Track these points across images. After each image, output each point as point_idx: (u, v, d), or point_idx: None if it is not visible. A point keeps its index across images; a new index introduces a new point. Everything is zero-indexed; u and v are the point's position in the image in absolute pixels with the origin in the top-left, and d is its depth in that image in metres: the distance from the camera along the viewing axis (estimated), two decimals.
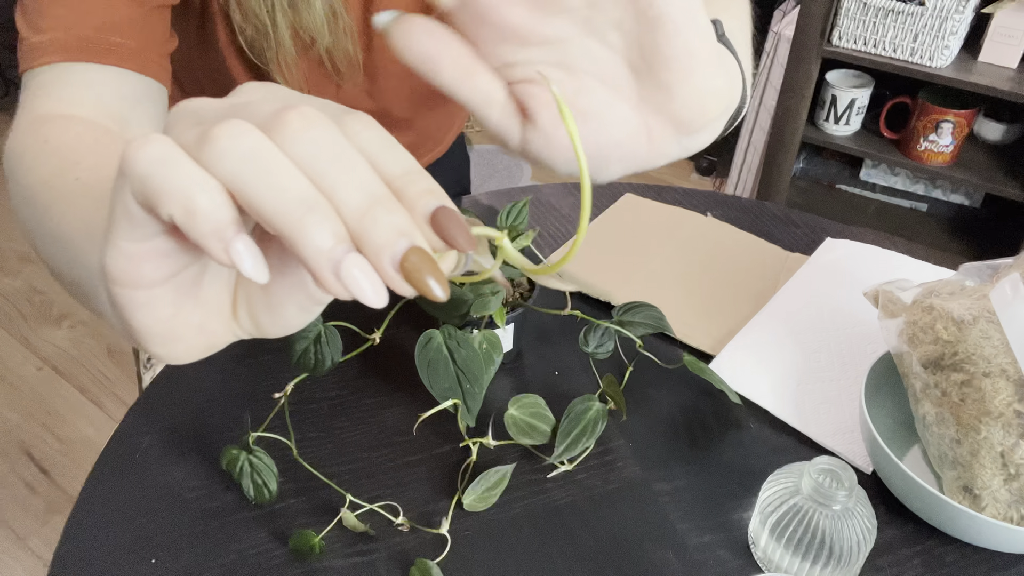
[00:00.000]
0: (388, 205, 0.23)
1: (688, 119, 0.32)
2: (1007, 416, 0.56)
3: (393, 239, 0.23)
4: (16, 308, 2.02)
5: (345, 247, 0.22)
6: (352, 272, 0.22)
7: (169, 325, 0.26)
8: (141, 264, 0.24)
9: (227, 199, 0.22)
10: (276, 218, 0.22)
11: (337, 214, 0.23)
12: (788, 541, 0.54)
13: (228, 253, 0.22)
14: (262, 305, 0.27)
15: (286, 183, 0.22)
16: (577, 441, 0.61)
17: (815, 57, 1.71)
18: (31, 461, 1.66)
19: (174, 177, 0.22)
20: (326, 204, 0.23)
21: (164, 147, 0.22)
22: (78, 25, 0.53)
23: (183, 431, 0.67)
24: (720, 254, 0.86)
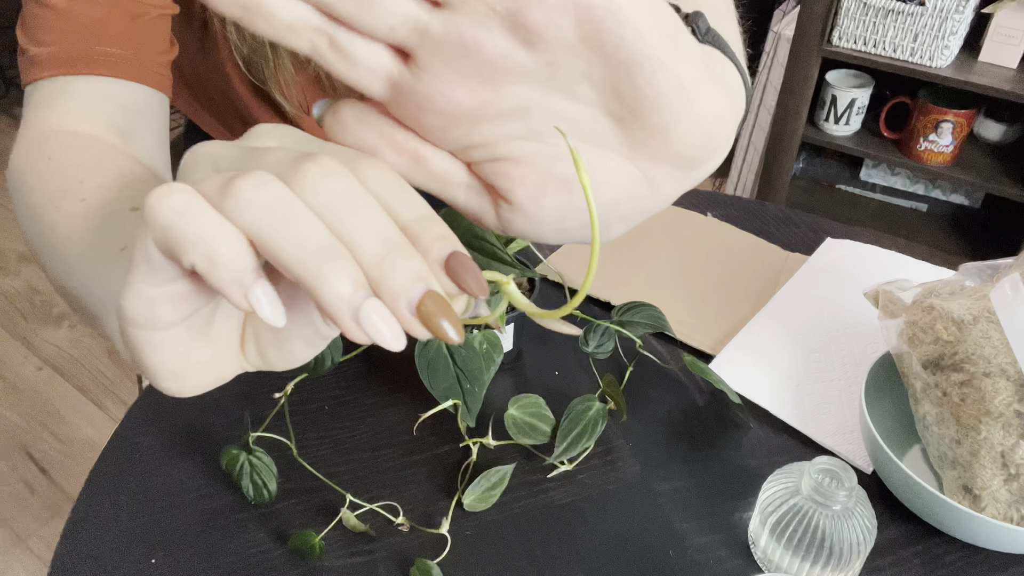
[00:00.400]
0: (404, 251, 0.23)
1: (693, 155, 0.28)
2: (1007, 416, 0.56)
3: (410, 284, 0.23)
4: (16, 308, 2.02)
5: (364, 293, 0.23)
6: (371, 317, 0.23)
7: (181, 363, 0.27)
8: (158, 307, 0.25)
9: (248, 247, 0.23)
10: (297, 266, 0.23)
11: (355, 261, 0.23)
12: (788, 541, 0.54)
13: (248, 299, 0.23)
14: (270, 341, 0.28)
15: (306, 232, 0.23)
16: (577, 441, 0.61)
17: (815, 57, 1.71)
18: (31, 461, 1.66)
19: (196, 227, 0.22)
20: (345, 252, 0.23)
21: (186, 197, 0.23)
22: (78, 38, 0.53)
23: (183, 431, 0.67)
24: (720, 254, 0.86)
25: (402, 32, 0.25)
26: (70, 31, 0.53)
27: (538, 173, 0.28)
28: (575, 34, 0.25)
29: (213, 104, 0.81)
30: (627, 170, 0.29)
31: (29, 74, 0.54)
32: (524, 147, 0.28)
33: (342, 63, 0.26)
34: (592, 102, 0.27)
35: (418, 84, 0.26)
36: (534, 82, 0.26)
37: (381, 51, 0.26)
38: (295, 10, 0.24)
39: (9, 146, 2.58)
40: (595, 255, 0.25)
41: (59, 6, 0.53)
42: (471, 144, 0.28)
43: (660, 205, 0.30)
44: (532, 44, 0.25)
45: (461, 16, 0.24)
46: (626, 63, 0.25)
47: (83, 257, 0.41)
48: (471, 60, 0.25)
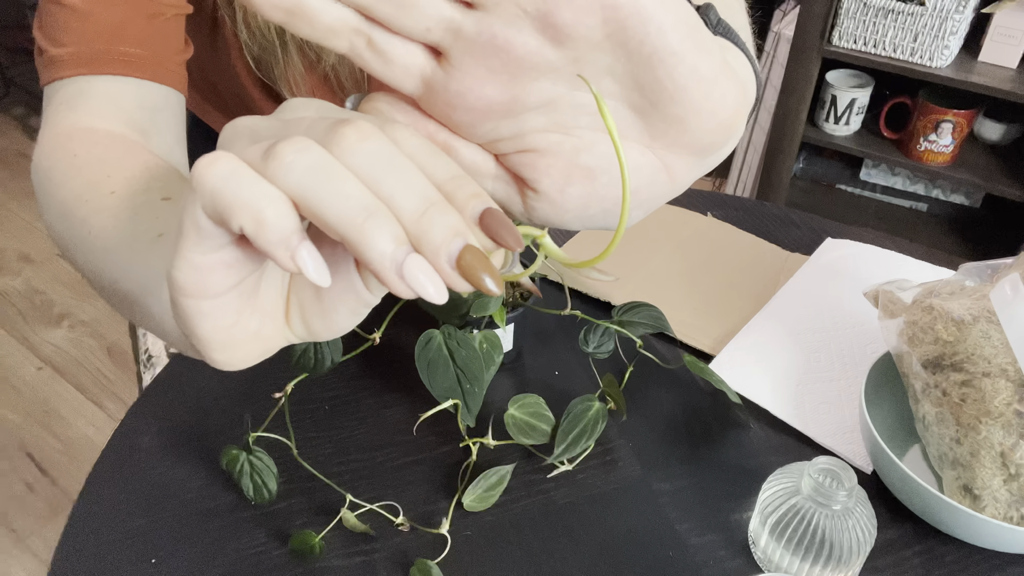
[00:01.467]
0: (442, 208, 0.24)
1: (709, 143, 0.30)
2: (1007, 416, 0.56)
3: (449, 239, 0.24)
4: (16, 308, 2.02)
5: (406, 249, 0.24)
6: (414, 272, 0.24)
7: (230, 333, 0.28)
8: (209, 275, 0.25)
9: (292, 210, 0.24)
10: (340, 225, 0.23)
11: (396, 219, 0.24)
12: (788, 541, 0.54)
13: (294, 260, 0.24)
14: (314, 310, 0.29)
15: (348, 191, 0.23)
16: (577, 441, 0.61)
17: (815, 57, 1.71)
18: (31, 461, 1.66)
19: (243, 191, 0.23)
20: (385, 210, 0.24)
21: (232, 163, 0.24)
22: (97, 38, 0.54)
23: (183, 431, 0.67)
24: (720, 254, 0.86)
25: (437, 32, 0.26)
26: (89, 31, 0.54)
27: (563, 163, 0.29)
28: (601, 32, 0.26)
29: (223, 103, 0.81)
30: (647, 159, 0.30)
31: (49, 74, 0.55)
32: (550, 139, 0.29)
33: (379, 62, 0.27)
34: (615, 95, 0.28)
35: (450, 81, 0.27)
36: (560, 77, 0.27)
37: (416, 50, 0.27)
38: (336, 13, 0.25)
39: (9, 146, 2.58)
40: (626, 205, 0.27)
41: (78, 7, 0.53)
42: (499, 137, 0.29)
43: (677, 190, 0.32)
44: (560, 42, 0.26)
45: (493, 17, 0.25)
46: (649, 58, 0.26)
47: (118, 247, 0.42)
48: (502, 58, 0.26)
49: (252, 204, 0.23)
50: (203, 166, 0.24)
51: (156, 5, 0.55)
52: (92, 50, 0.54)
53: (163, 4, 0.56)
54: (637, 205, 0.31)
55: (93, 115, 0.53)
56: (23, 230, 2.26)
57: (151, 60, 0.55)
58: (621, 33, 0.26)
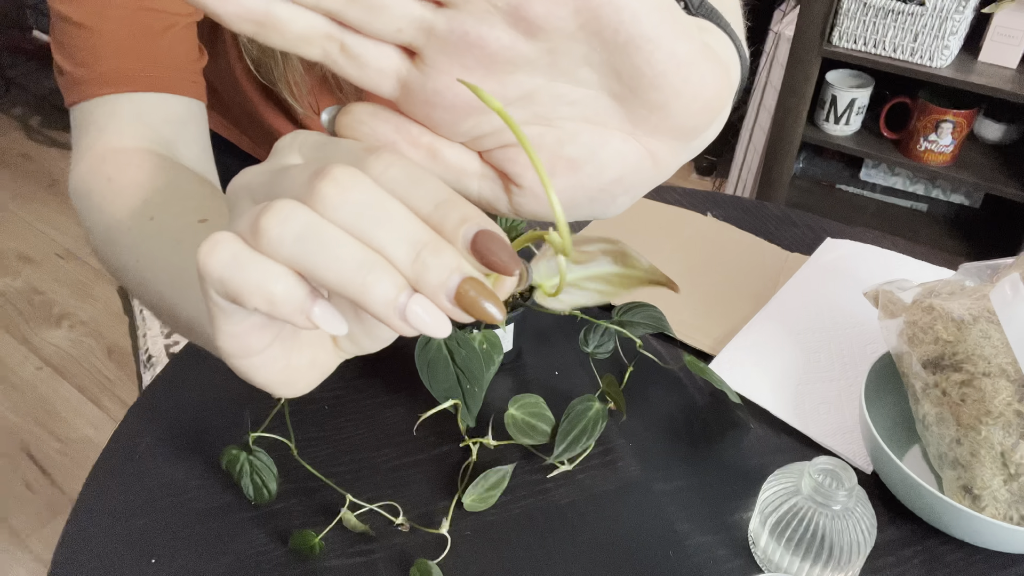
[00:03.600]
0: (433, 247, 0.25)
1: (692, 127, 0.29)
2: (1007, 416, 0.56)
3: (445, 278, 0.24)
4: (16, 308, 2.02)
5: (407, 294, 0.24)
6: (416, 313, 0.24)
7: (285, 373, 0.29)
8: (247, 338, 0.27)
9: (298, 280, 0.25)
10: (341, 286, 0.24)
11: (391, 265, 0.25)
12: (788, 541, 0.54)
13: (312, 321, 0.25)
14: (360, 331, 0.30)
15: (340, 253, 0.24)
16: (577, 441, 0.61)
17: (815, 57, 1.71)
18: (31, 461, 1.66)
19: (248, 276, 0.24)
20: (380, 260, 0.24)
21: (230, 248, 0.25)
22: (115, 55, 0.55)
23: (183, 431, 0.67)
24: (720, 254, 0.86)
25: (408, 33, 0.26)
26: (108, 49, 0.55)
27: (546, 156, 0.29)
28: (574, 23, 0.25)
29: (224, 106, 0.82)
30: (630, 146, 0.30)
31: (72, 95, 0.56)
32: (531, 132, 0.29)
33: (353, 67, 0.27)
34: (593, 84, 0.28)
35: (427, 81, 0.27)
36: (537, 70, 0.27)
37: (390, 52, 0.27)
38: (307, 20, 0.25)
39: (9, 146, 2.58)
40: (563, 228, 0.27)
41: (95, 26, 0.54)
42: (481, 133, 0.29)
43: (662, 176, 0.31)
44: (534, 35, 0.26)
45: (464, 14, 0.25)
46: (624, 45, 0.26)
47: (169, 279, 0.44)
48: (476, 54, 0.26)
49: (260, 286, 0.24)
50: (204, 255, 0.25)
51: (169, 16, 0.56)
52: (114, 68, 0.55)
53: (176, 14, 0.56)
54: (623, 192, 0.31)
55: (123, 135, 0.54)
56: (23, 230, 2.26)
57: (171, 73, 0.56)
58: (595, 23, 0.26)
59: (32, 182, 2.44)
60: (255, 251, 0.24)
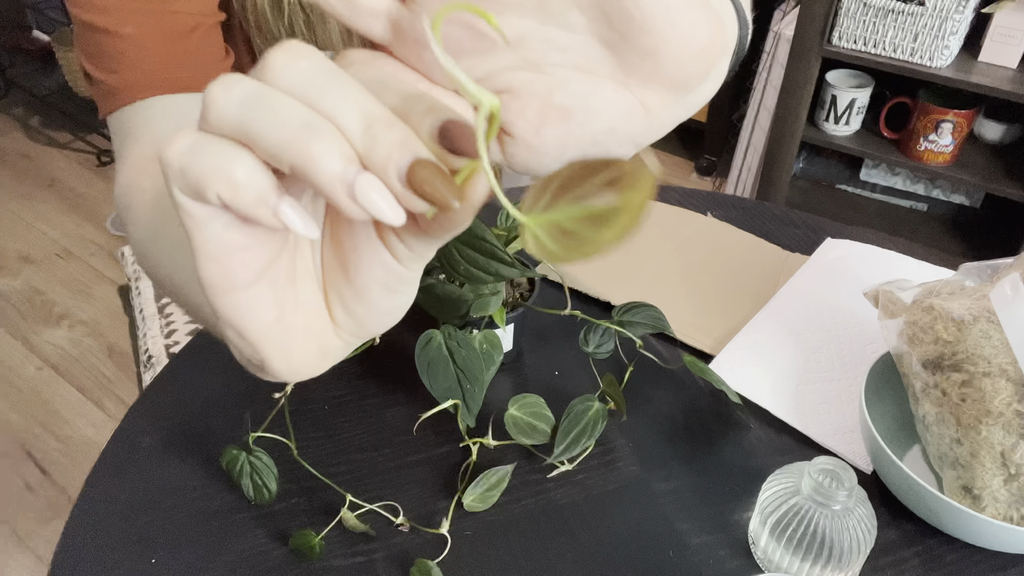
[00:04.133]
0: (387, 122, 0.23)
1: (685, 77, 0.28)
2: (1007, 416, 0.56)
3: (396, 153, 0.23)
4: (16, 308, 2.02)
5: (355, 168, 0.23)
6: (365, 191, 0.23)
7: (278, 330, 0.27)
8: (228, 262, 0.25)
9: (260, 165, 0.23)
10: (285, 151, 0.22)
11: (341, 135, 0.23)
12: (788, 541, 0.54)
13: (277, 216, 0.23)
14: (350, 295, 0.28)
15: (285, 114, 0.22)
16: (577, 441, 0.61)
17: (815, 57, 1.71)
18: (31, 461, 1.66)
19: (205, 158, 0.23)
20: (329, 127, 0.23)
21: (190, 136, 0.23)
22: (145, 61, 0.55)
23: (183, 431, 0.67)
24: (720, 254, 0.86)
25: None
26: (138, 56, 0.55)
27: (537, 103, 0.29)
28: None
29: None
30: (622, 96, 0.29)
31: (108, 104, 0.56)
32: (521, 77, 0.28)
33: (345, 8, 0.26)
34: (583, 29, 0.28)
35: (416, 19, 0.26)
36: (526, 12, 0.27)
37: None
38: None
39: (9, 146, 2.58)
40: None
41: (122, 32, 0.54)
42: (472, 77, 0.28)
43: (657, 130, 0.31)
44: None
45: None
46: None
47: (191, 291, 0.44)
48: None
49: (219, 168, 0.22)
50: (165, 148, 0.23)
51: (194, 17, 0.57)
52: (144, 75, 0.55)
53: (201, 15, 0.57)
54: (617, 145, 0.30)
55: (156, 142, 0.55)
56: (23, 230, 2.26)
57: (200, 74, 0.57)
58: None
59: (32, 182, 2.44)
60: (211, 135, 0.23)
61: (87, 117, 2.56)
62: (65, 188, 2.41)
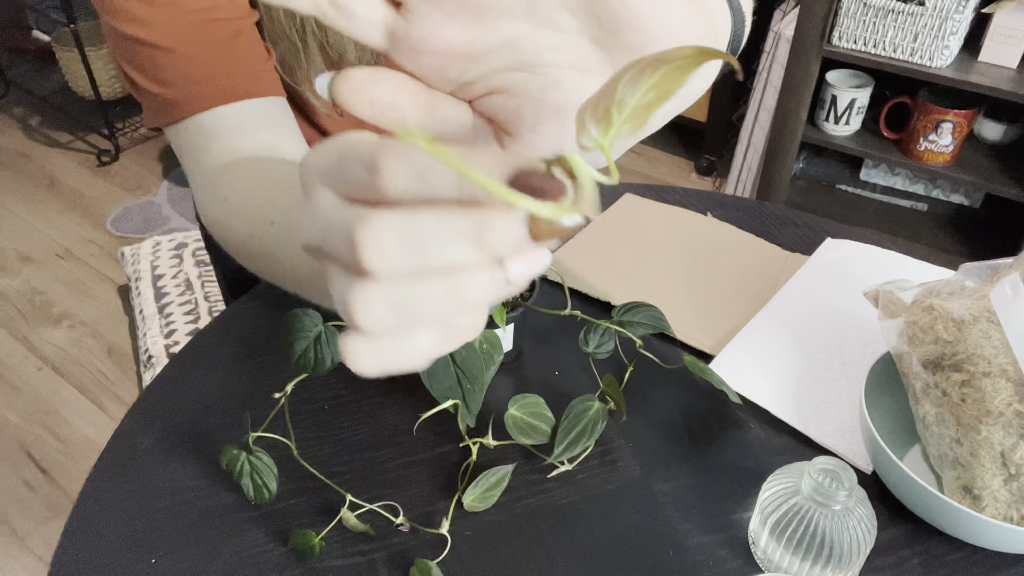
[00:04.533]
0: (484, 226, 0.23)
1: None
2: (1007, 416, 0.56)
3: (513, 237, 0.23)
4: (16, 308, 2.02)
5: (499, 275, 0.24)
6: (516, 273, 0.24)
7: None
8: None
9: (433, 332, 0.26)
10: (451, 317, 0.25)
11: (467, 270, 0.24)
12: (788, 541, 0.54)
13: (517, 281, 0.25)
14: None
15: (428, 304, 0.24)
16: (577, 441, 0.61)
17: (815, 57, 1.71)
18: (31, 461, 1.66)
19: (395, 363, 0.27)
20: (459, 277, 0.24)
21: (365, 358, 0.27)
22: (197, 71, 0.56)
23: (183, 431, 0.67)
24: (720, 254, 0.86)
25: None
26: (188, 67, 0.56)
27: (532, 103, 0.30)
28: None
29: None
30: None
31: (164, 117, 0.58)
32: (516, 78, 0.30)
33: (342, 18, 0.28)
34: (574, 29, 0.29)
35: (412, 28, 0.28)
36: (518, 16, 0.28)
37: (376, 3, 0.28)
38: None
39: (9, 146, 2.58)
40: None
41: (169, 45, 0.56)
42: (469, 80, 0.30)
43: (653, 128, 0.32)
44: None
45: None
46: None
47: (311, 275, 0.46)
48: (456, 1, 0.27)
49: (401, 362, 0.26)
50: (350, 362, 0.27)
51: (234, 22, 0.58)
52: (200, 86, 0.57)
53: (239, 19, 0.58)
54: None
55: (226, 152, 0.57)
56: (23, 230, 2.26)
57: (252, 78, 0.58)
58: None
59: (32, 182, 2.44)
60: (382, 341, 0.26)
61: (87, 117, 2.56)
62: (65, 188, 2.41)
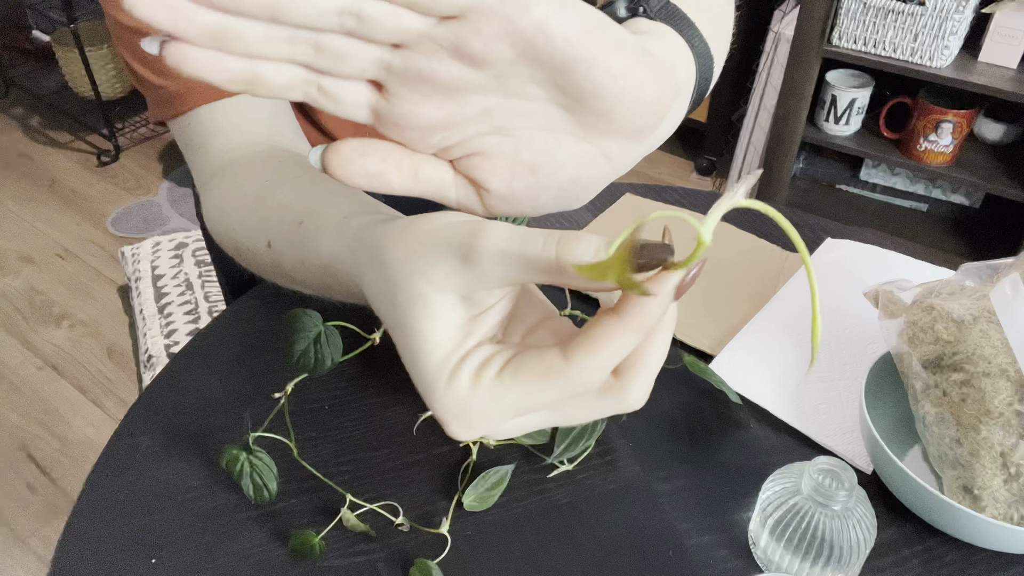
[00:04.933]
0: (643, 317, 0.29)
1: (639, 128, 0.33)
2: (1007, 416, 0.56)
3: (666, 293, 0.29)
4: (16, 308, 2.02)
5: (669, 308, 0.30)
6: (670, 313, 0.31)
7: None
8: None
9: None
10: None
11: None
12: (788, 541, 0.54)
13: None
14: None
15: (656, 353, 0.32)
16: (577, 441, 0.61)
17: (815, 57, 1.71)
18: (31, 461, 1.66)
19: None
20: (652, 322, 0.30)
21: None
22: None
23: (183, 431, 0.67)
24: (720, 254, 0.86)
25: (372, 71, 0.29)
26: None
27: (507, 162, 0.33)
28: (513, 52, 0.29)
29: None
30: (583, 148, 0.33)
31: (170, 109, 0.59)
32: (491, 141, 0.33)
33: (331, 103, 0.30)
34: (542, 98, 0.32)
35: (393, 108, 0.30)
36: (488, 91, 0.31)
37: (359, 87, 0.30)
38: (287, 72, 0.29)
39: (9, 146, 2.58)
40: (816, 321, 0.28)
41: None
42: (449, 145, 0.32)
43: (619, 172, 0.35)
44: (479, 66, 0.29)
45: (416, 53, 0.29)
46: (562, 67, 0.30)
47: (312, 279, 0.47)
48: (430, 84, 0.29)
49: None
50: None
51: None
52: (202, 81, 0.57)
53: None
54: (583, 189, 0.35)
55: (226, 149, 0.59)
56: (23, 230, 2.26)
57: None
58: (531, 51, 0.29)
59: (32, 182, 2.44)
60: None
61: (87, 117, 2.56)
62: (65, 188, 2.41)
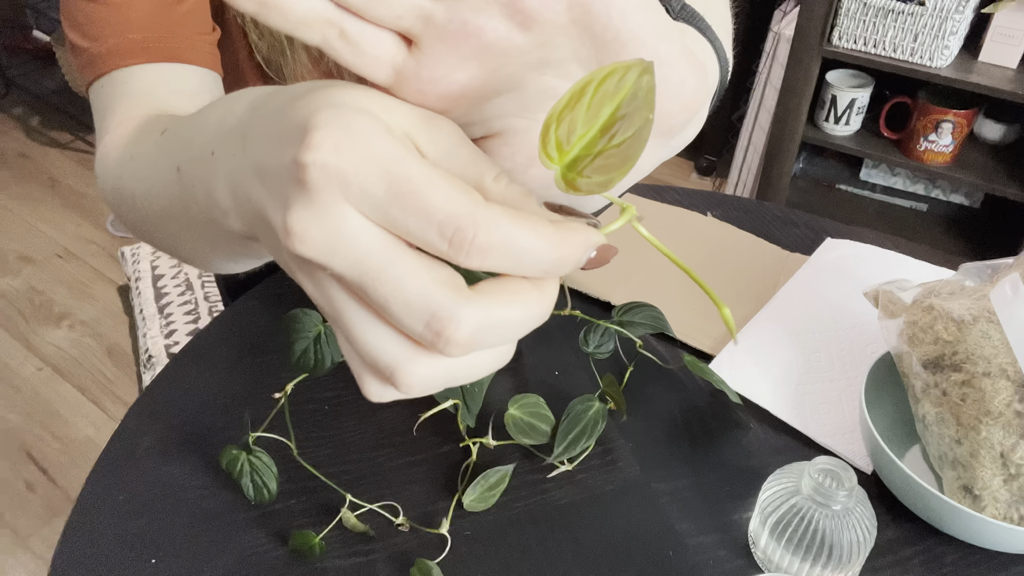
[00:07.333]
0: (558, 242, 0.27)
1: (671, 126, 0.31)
2: (1007, 416, 0.56)
3: (579, 255, 0.27)
4: (16, 308, 2.02)
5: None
6: (589, 260, 0.28)
7: None
8: None
9: None
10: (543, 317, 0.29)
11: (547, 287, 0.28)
12: (788, 541, 0.54)
13: None
14: None
15: (526, 319, 0.27)
16: (577, 441, 0.61)
17: (815, 57, 1.71)
18: (31, 461, 1.66)
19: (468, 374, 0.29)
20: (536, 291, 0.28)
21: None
22: (128, 28, 0.55)
23: (183, 431, 0.67)
24: (720, 254, 0.86)
25: (408, 20, 0.26)
26: (121, 23, 0.55)
27: (527, 148, 0.30)
28: (567, 16, 0.26)
29: None
30: None
31: (90, 72, 0.56)
32: (516, 124, 0.30)
33: (351, 52, 0.27)
34: None
35: (422, 69, 0.27)
36: (528, 62, 0.28)
37: (387, 39, 0.27)
38: (309, 3, 0.25)
39: (9, 146, 2.58)
40: None
41: (114, 1, 0.54)
42: (469, 122, 0.29)
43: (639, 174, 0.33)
44: (528, 27, 0.26)
45: (463, 3, 0.26)
46: (612, 42, 0.27)
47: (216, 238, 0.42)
48: (472, 44, 0.26)
49: None
50: None
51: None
52: (125, 41, 0.54)
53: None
54: None
55: (133, 113, 0.54)
56: (23, 230, 2.26)
57: (185, 43, 0.56)
58: (585, 17, 0.26)
59: (32, 182, 2.44)
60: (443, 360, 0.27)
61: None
62: (65, 188, 2.41)
